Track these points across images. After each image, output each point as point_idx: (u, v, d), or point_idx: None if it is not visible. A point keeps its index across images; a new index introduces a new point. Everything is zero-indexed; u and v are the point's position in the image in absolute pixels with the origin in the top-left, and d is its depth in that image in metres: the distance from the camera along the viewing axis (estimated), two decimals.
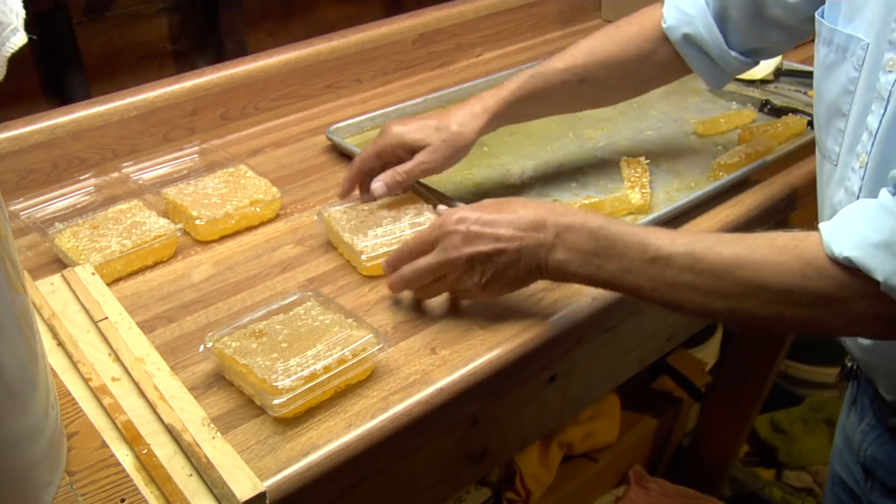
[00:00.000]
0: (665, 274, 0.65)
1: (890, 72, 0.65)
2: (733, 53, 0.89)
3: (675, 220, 0.89)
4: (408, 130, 0.87)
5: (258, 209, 0.90)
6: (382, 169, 0.87)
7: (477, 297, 0.75)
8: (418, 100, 1.17)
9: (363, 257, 0.80)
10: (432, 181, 0.97)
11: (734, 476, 1.77)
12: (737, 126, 1.12)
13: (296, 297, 0.74)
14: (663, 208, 0.89)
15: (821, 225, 0.61)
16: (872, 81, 0.67)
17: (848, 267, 0.58)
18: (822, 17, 0.74)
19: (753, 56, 0.91)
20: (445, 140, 0.87)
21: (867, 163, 0.67)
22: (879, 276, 0.57)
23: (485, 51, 1.41)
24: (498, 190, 0.98)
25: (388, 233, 0.83)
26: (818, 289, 0.60)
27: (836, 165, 0.73)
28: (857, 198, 0.69)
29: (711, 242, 0.64)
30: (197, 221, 0.87)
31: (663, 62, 0.92)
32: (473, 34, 1.38)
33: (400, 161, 0.87)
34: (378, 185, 0.86)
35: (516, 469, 1.46)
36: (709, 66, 0.91)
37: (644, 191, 0.94)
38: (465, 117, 0.88)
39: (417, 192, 0.92)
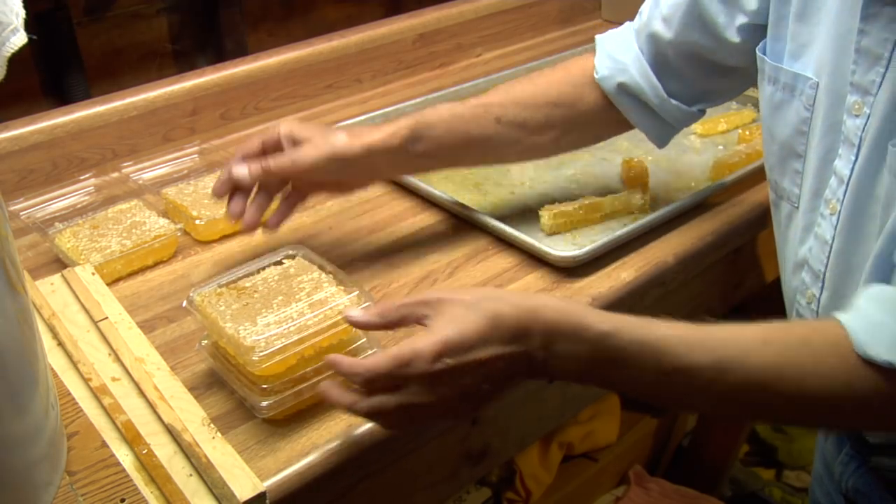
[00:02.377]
0: (690, 385, 0.56)
1: (857, 115, 0.63)
2: (674, 102, 0.82)
3: (675, 220, 0.89)
4: (299, 126, 0.79)
5: None
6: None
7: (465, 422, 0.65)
8: (418, 100, 1.16)
9: (255, 356, 0.62)
10: (433, 182, 0.97)
11: (734, 476, 1.77)
12: (737, 126, 1.12)
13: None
14: (663, 208, 0.89)
15: (846, 323, 0.55)
16: (834, 124, 0.65)
17: (889, 370, 0.53)
18: (765, 53, 0.71)
19: (699, 104, 0.84)
20: (327, 139, 0.77)
21: (840, 211, 0.65)
22: None
23: (485, 51, 1.41)
24: (498, 190, 0.98)
25: (283, 319, 0.65)
26: (860, 395, 0.55)
27: (796, 207, 0.71)
28: (830, 247, 0.67)
29: (736, 352, 0.56)
30: (197, 221, 0.87)
31: (593, 113, 0.84)
32: (473, 34, 1.38)
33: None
34: (240, 168, 0.77)
35: (516, 469, 1.46)
36: (650, 119, 0.84)
37: (644, 191, 0.94)
38: (360, 130, 0.80)
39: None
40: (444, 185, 0.97)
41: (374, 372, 0.56)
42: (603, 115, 0.85)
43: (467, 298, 0.57)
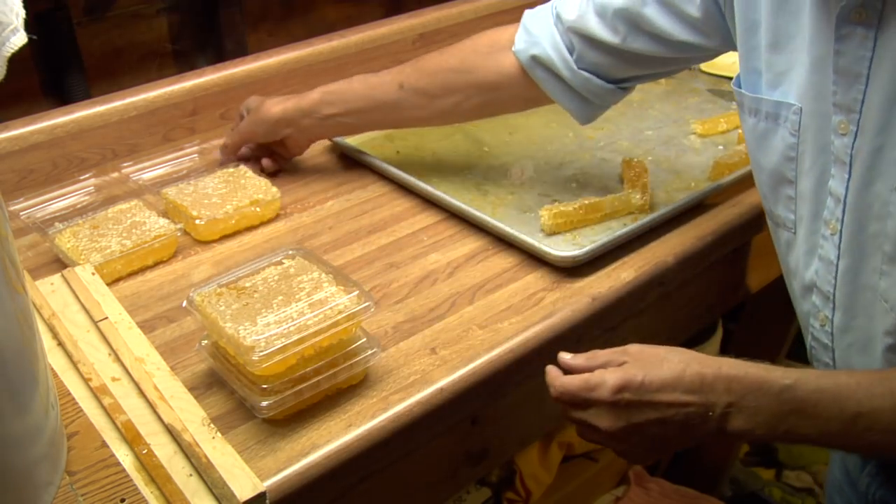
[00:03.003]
0: (872, 431, 0.58)
1: (844, 134, 0.63)
2: (588, 76, 0.84)
3: (675, 220, 0.89)
4: (252, 98, 1.00)
5: (258, 209, 0.90)
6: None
7: (631, 463, 0.68)
8: None
9: (255, 356, 0.62)
10: (433, 182, 0.97)
11: (734, 476, 1.77)
12: (737, 126, 1.12)
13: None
14: (663, 208, 0.89)
15: None
16: (823, 145, 0.65)
17: None
18: (740, 87, 0.72)
19: (622, 83, 0.86)
20: (255, 111, 0.96)
21: (840, 230, 0.66)
22: None
23: None
24: (498, 190, 0.98)
25: (283, 319, 0.65)
26: None
27: (794, 233, 0.71)
28: (837, 267, 0.67)
29: None
30: (197, 221, 0.87)
31: (495, 79, 0.88)
32: (473, 34, 1.38)
33: None
34: (220, 152, 1.02)
35: (516, 469, 1.46)
36: (566, 93, 0.86)
37: (644, 191, 0.94)
38: (282, 99, 0.95)
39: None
40: (444, 185, 0.97)
41: (563, 389, 0.64)
42: (513, 84, 0.88)
43: (661, 350, 0.64)
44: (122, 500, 0.55)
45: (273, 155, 1.01)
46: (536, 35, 0.85)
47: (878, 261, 0.63)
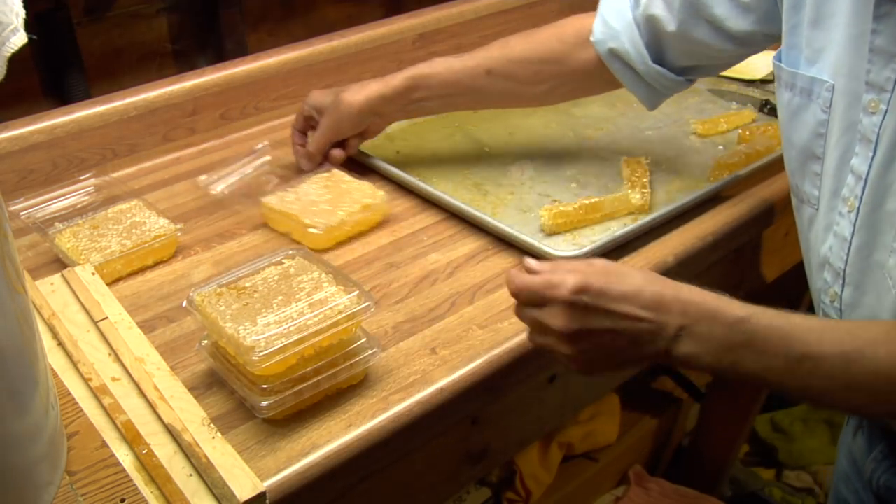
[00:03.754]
0: (815, 375, 0.59)
1: (873, 113, 0.64)
2: (661, 70, 0.88)
3: (675, 220, 0.89)
4: (316, 94, 0.97)
5: (369, 214, 0.89)
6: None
7: (581, 372, 0.67)
8: None
9: (255, 356, 0.62)
10: (433, 182, 0.97)
11: (734, 476, 1.77)
12: (737, 126, 1.12)
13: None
14: (663, 208, 0.89)
15: None
16: (850, 123, 0.66)
17: None
18: (780, 61, 0.73)
19: (689, 75, 0.90)
20: (335, 104, 0.94)
21: (858, 207, 0.67)
22: None
23: None
24: (498, 190, 0.98)
25: (283, 319, 0.65)
26: None
27: (817, 209, 0.72)
28: (850, 244, 0.68)
29: (864, 342, 0.58)
30: (312, 230, 0.84)
31: (585, 70, 0.91)
32: (473, 34, 1.38)
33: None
34: (302, 161, 0.98)
35: (516, 469, 1.46)
36: (637, 83, 0.90)
37: (644, 191, 0.94)
38: (358, 86, 0.94)
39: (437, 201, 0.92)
40: (444, 185, 0.97)
41: (523, 285, 0.65)
42: (597, 73, 0.91)
43: (626, 267, 0.66)
44: (122, 500, 0.55)
45: (340, 144, 0.99)
46: (615, 28, 0.87)
47: (890, 238, 0.64)
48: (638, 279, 0.63)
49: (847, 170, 0.67)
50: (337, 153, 0.98)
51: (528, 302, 0.65)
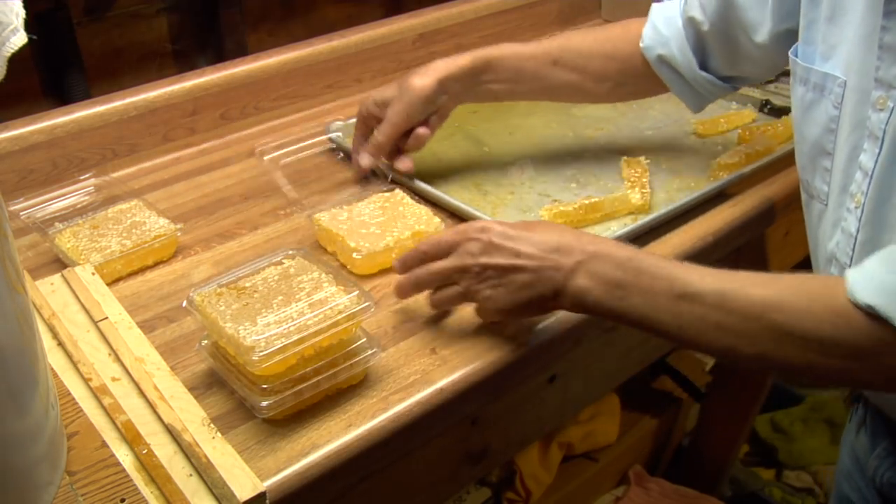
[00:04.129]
0: (692, 312, 0.61)
1: (881, 110, 0.64)
2: (707, 77, 0.90)
3: (675, 220, 0.89)
4: (376, 92, 0.93)
5: (417, 241, 0.80)
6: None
7: (489, 314, 0.72)
8: None
9: (255, 356, 0.62)
10: (433, 181, 0.97)
11: (734, 476, 1.77)
12: (737, 126, 1.12)
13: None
14: (663, 208, 0.89)
15: (847, 271, 0.59)
16: (860, 120, 0.66)
17: (874, 316, 0.56)
18: (797, 56, 0.74)
19: (732, 83, 0.92)
20: (404, 91, 0.90)
21: (864, 203, 0.67)
22: None
23: None
24: (498, 190, 0.98)
25: (283, 319, 0.65)
26: (848, 340, 0.57)
27: (826, 205, 0.73)
28: (855, 239, 0.68)
29: (742, 283, 0.61)
30: (355, 255, 0.80)
31: (639, 73, 0.93)
32: (473, 34, 1.38)
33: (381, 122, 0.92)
34: (363, 157, 0.93)
35: (516, 469, 1.46)
36: (684, 88, 0.92)
37: (644, 191, 0.94)
38: (423, 69, 0.91)
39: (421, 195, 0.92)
40: (444, 185, 0.97)
41: (432, 240, 0.71)
42: (649, 81, 0.93)
43: (529, 223, 0.70)
44: (122, 500, 0.55)
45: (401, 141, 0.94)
46: (665, 34, 0.89)
47: (894, 235, 0.65)
48: (540, 225, 0.70)
49: (855, 166, 0.67)
50: (423, 131, 0.93)
51: (436, 253, 0.71)
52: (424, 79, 0.90)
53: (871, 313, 0.56)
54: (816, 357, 0.59)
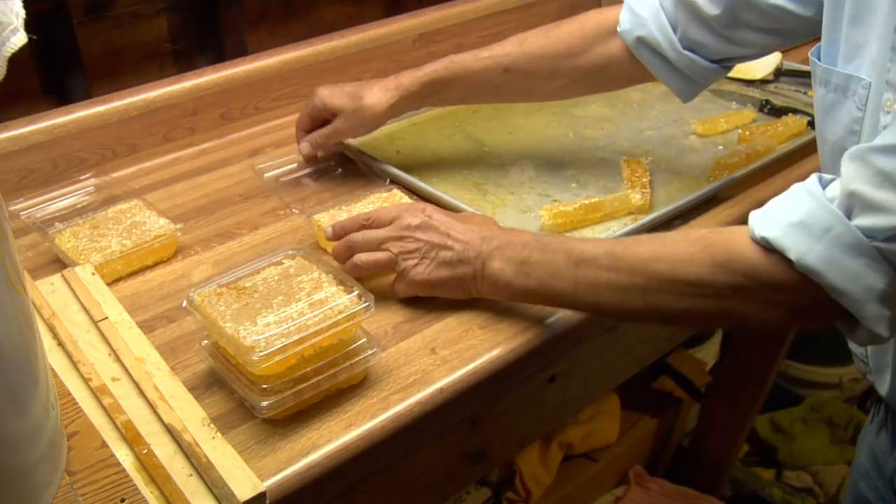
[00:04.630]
0: (586, 275, 0.66)
1: (888, 112, 0.64)
2: (693, 56, 0.86)
3: (675, 220, 0.89)
4: (330, 95, 0.95)
5: None
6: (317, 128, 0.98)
7: (407, 285, 0.76)
8: None
9: (255, 356, 0.62)
10: (433, 182, 0.97)
11: (734, 476, 1.78)
12: (737, 126, 1.12)
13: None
14: (663, 208, 0.89)
15: (752, 212, 0.62)
16: (876, 122, 0.66)
17: (766, 249, 0.59)
18: (819, 57, 0.73)
19: (724, 63, 0.88)
20: (356, 111, 0.94)
21: None
22: (793, 255, 0.58)
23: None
24: (498, 190, 0.98)
25: (283, 319, 0.65)
26: (727, 278, 0.61)
27: None
28: None
29: (632, 242, 0.66)
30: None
31: (603, 63, 0.91)
32: (473, 34, 1.38)
33: (325, 123, 0.97)
34: (304, 145, 0.98)
35: (516, 469, 1.46)
36: (669, 72, 0.89)
37: (644, 191, 0.94)
38: (378, 92, 0.94)
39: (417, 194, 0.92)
40: (444, 185, 0.97)
41: (377, 210, 0.78)
42: (617, 67, 0.91)
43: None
44: (122, 500, 0.55)
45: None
46: (642, 16, 0.87)
47: None
48: (476, 217, 0.77)
49: None
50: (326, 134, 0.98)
51: (374, 224, 0.76)
52: (378, 103, 0.93)
53: (764, 247, 0.59)
54: (697, 300, 0.62)
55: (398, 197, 0.90)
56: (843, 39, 0.70)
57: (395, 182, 0.97)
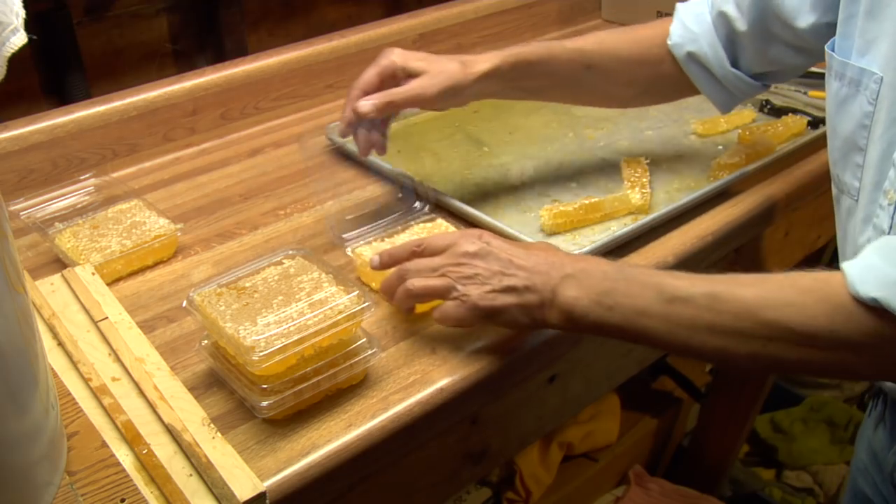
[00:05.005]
0: (683, 315, 0.61)
1: None
2: (738, 74, 0.88)
3: (675, 220, 0.89)
4: (412, 55, 0.85)
5: None
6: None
7: (469, 310, 0.68)
8: None
9: (255, 356, 0.62)
10: (434, 182, 0.97)
11: (734, 476, 1.78)
12: (737, 126, 1.12)
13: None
14: (663, 208, 0.89)
15: (844, 265, 0.58)
16: (888, 119, 0.66)
17: (875, 308, 0.56)
18: (833, 50, 0.73)
19: (763, 80, 0.90)
20: (443, 72, 0.84)
21: None
22: None
23: (485, 50, 1.40)
24: (498, 190, 0.98)
25: (283, 319, 0.65)
26: (845, 333, 0.57)
27: (856, 201, 0.72)
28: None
29: (731, 283, 0.61)
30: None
31: (669, 75, 0.91)
32: (473, 34, 1.38)
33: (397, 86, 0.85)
34: (366, 102, 0.82)
35: (516, 469, 1.46)
36: (714, 87, 0.90)
37: (644, 191, 0.94)
38: (470, 58, 0.86)
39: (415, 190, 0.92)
40: (445, 185, 0.97)
41: (429, 238, 0.72)
42: (678, 83, 0.91)
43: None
44: (122, 500, 0.55)
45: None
46: (694, 31, 0.87)
47: None
48: (534, 245, 0.71)
49: (889, 163, 0.67)
50: (382, 146, 0.88)
51: (430, 249, 0.70)
52: (466, 71, 0.84)
53: (873, 306, 0.56)
54: (811, 352, 0.59)
55: (443, 226, 0.85)
56: (857, 33, 0.70)
57: (439, 206, 0.92)
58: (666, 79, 0.92)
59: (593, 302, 0.64)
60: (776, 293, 0.59)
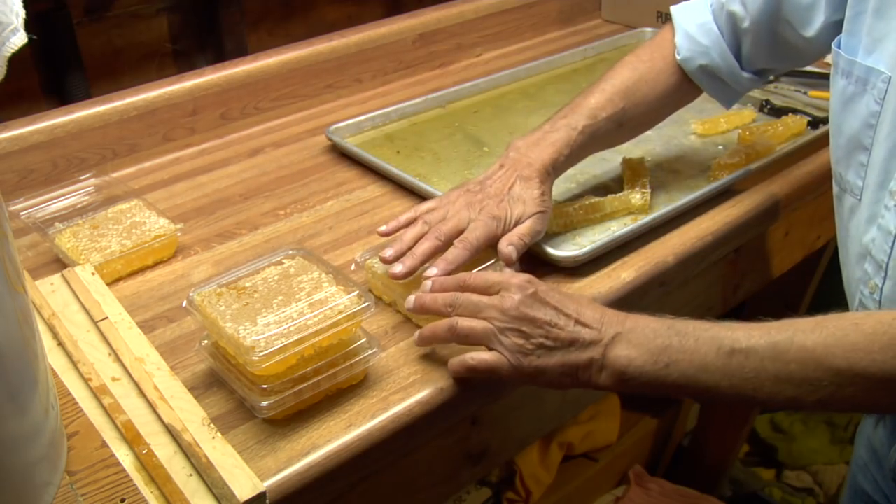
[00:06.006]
0: (745, 368, 0.59)
1: None
2: (746, 74, 0.89)
3: (675, 220, 0.89)
4: (442, 214, 0.80)
5: None
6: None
7: (513, 371, 0.65)
8: (418, 99, 1.17)
9: (255, 356, 0.62)
10: (433, 182, 0.97)
11: (734, 476, 1.78)
12: (737, 126, 1.12)
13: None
14: (663, 208, 0.89)
15: None
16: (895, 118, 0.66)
17: None
18: (840, 48, 0.73)
19: (764, 75, 0.91)
20: (539, 206, 0.80)
21: None
22: None
23: (485, 51, 1.41)
24: None
25: (283, 319, 0.65)
26: None
27: (859, 199, 0.72)
28: (894, 237, 0.68)
29: (791, 333, 0.59)
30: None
31: (681, 90, 0.91)
32: (473, 34, 1.38)
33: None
34: (509, 249, 0.76)
35: (516, 469, 1.46)
36: (720, 88, 0.91)
37: (644, 191, 0.93)
38: (523, 166, 0.81)
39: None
40: (444, 185, 0.97)
41: (476, 277, 0.69)
42: (688, 93, 0.92)
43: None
44: (122, 500, 0.55)
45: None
46: (704, 44, 0.87)
47: None
48: (582, 297, 0.68)
49: (895, 163, 0.67)
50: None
51: (477, 287, 0.68)
52: (536, 160, 0.81)
53: None
54: (884, 395, 0.58)
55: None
56: (865, 31, 0.70)
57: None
58: (679, 94, 0.92)
59: (648, 360, 0.62)
60: (841, 340, 0.58)
